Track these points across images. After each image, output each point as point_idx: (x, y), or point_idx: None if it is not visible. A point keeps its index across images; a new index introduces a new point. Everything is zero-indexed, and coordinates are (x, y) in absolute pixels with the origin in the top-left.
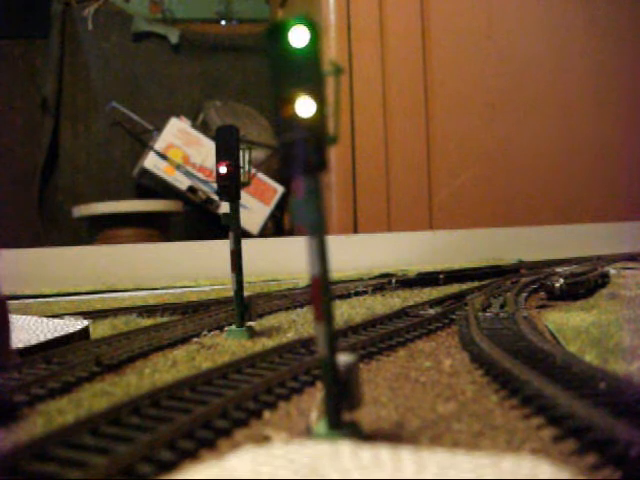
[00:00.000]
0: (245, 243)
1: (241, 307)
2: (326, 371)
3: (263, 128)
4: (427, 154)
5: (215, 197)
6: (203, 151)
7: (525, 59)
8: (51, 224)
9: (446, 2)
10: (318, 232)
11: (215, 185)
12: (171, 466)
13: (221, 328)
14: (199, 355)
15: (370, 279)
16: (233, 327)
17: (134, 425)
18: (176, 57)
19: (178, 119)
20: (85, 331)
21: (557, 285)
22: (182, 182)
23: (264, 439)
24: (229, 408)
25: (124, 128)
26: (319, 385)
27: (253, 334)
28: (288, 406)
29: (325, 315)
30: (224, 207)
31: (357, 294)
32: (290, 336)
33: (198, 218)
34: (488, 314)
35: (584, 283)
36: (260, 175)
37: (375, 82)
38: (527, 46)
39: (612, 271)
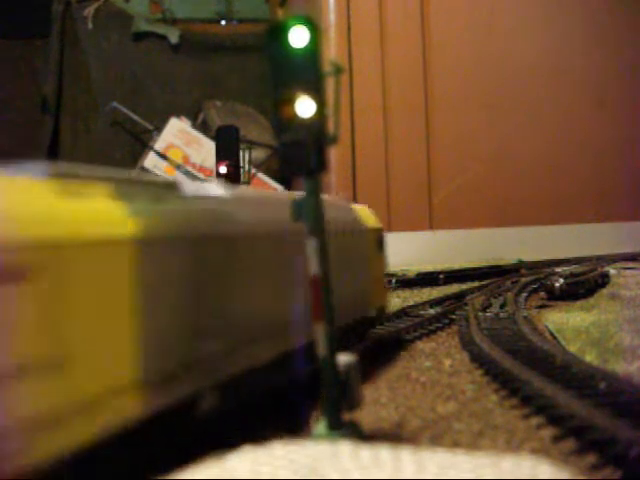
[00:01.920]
0: None
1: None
2: (326, 371)
3: (263, 128)
4: (427, 154)
5: None
6: (203, 151)
7: (525, 60)
8: None
9: (446, 2)
10: (318, 232)
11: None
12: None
13: None
14: None
15: None
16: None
17: None
18: (176, 57)
19: (178, 119)
20: None
21: (557, 285)
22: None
23: (264, 439)
24: None
25: (124, 128)
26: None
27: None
28: None
29: (325, 315)
30: None
31: None
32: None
33: None
34: (488, 314)
35: (584, 283)
36: (260, 175)
37: (375, 82)
38: (527, 47)
39: (612, 271)
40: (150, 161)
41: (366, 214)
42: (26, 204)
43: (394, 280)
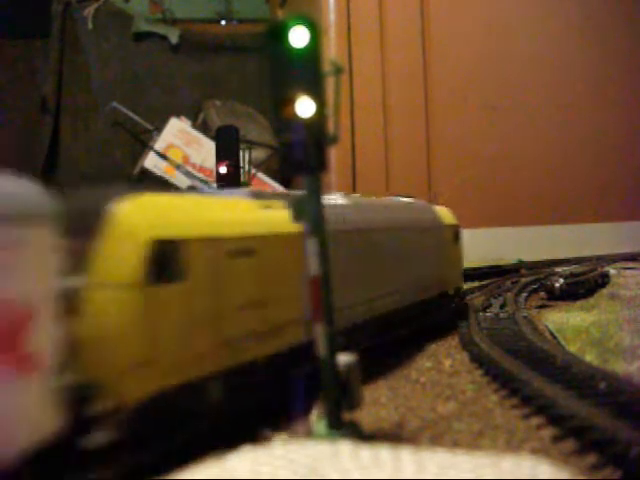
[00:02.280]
0: None
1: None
2: (326, 371)
3: (263, 128)
4: (427, 154)
5: None
6: (203, 151)
7: (525, 60)
8: None
9: (446, 3)
10: (318, 232)
11: (215, 185)
12: None
13: None
14: None
15: None
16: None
17: None
18: (176, 57)
19: (178, 119)
20: None
21: (557, 285)
22: (182, 182)
23: (264, 439)
24: None
25: (124, 128)
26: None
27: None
28: None
29: (325, 315)
30: None
31: None
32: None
33: None
34: (488, 314)
35: (584, 283)
36: (260, 175)
37: (375, 82)
38: (526, 47)
39: (612, 271)
40: (150, 161)
41: (445, 213)
42: (246, 215)
43: None
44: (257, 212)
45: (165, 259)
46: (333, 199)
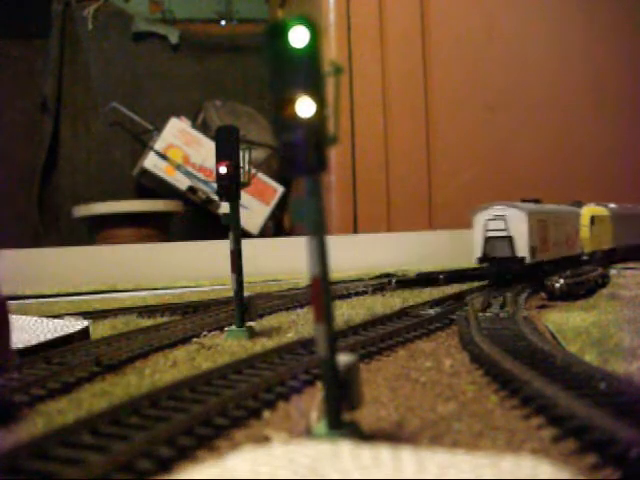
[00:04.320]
0: (245, 243)
1: (241, 307)
2: (326, 371)
3: (263, 128)
4: (427, 154)
5: (215, 197)
6: (203, 151)
7: (525, 60)
8: (51, 224)
9: (446, 3)
10: (318, 232)
11: (215, 185)
12: (169, 463)
13: (221, 328)
14: (199, 355)
15: (370, 279)
16: (233, 327)
17: (133, 425)
18: (176, 57)
19: (178, 119)
20: (85, 331)
21: (557, 286)
22: (182, 182)
23: (264, 439)
24: (228, 407)
25: (124, 128)
26: (319, 385)
27: (253, 334)
28: (288, 406)
29: (325, 315)
30: (224, 207)
31: (357, 294)
32: (290, 336)
33: (198, 218)
34: (488, 314)
35: (584, 283)
36: (260, 175)
37: (375, 82)
38: (527, 48)
39: (612, 271)
40: (150, 161)
41: None
42: (600, 210)
43: (394, 280)
44: (601, 209)
45: (593, 221)
46: (614, 205)
